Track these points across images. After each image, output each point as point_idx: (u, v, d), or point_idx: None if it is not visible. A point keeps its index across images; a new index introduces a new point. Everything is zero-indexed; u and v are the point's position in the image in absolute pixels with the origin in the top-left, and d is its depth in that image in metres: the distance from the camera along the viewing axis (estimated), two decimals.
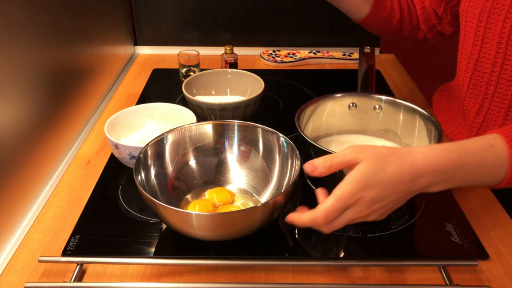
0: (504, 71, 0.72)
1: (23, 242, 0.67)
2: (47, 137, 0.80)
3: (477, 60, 0.75)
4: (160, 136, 0.71)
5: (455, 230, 0.68)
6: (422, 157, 0.53)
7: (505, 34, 0.70)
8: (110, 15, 1.15)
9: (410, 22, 0.93)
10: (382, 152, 0.54)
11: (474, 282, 0.61)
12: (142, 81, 1.17)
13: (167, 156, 0.72)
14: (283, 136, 0.71)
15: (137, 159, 0.66)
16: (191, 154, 0.75)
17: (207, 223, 0.58)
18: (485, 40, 0.73)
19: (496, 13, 0.70)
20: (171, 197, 0.71)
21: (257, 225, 0.61)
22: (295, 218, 0.55)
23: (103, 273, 0.62)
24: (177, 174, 0.73)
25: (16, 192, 0.69)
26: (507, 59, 0.71)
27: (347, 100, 0.80)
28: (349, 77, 1.21)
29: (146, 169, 0.69)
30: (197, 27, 1.33)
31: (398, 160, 0.53)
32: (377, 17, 0.90)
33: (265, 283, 0.61)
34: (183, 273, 0.62)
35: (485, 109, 0.77)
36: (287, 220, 0.57)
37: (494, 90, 0.75)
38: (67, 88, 0.89)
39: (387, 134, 0.81)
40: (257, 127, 0.74)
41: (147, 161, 0.69)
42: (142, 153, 0.67)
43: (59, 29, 0.85)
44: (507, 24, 0.69)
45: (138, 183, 0.62)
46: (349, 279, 0.61)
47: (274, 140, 0.72)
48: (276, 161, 0.73)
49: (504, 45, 0.71)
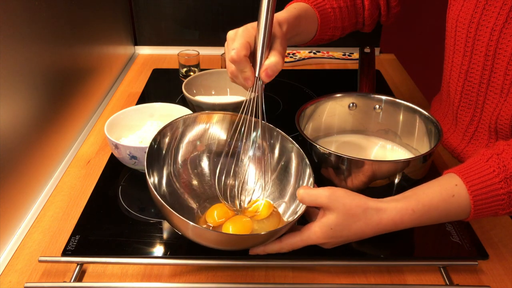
0: (492, 83, 0.73)
1: (23, 242, 0.67)
2: (47, 137, 0.80)
3: (467, 71, 0.75)
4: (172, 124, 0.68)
5: (455, 230, 0.68)
6: (388, 218, 0.57)
7: (492, 47, 0.70)
8: (110, 15, 1.15)
9: (355, 25, 0.90)
10: (352, 210, 0.57)
11: (474, 282, 0.61)
12: (142, 81, 1.17)
13: (180, 154, 0.69)
14: (297, 146, 0.68)
15: (149, 152, 0.62)
16: (205, 152, 0.71)
17: (228, 241, 0.58)
18: (474, 51, 0.73)
19: (484, 25, 0.70)
20: (182, 199, 0.68)
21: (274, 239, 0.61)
22: (259, 250, 0.61)
23: (103, 273, 0.62)
24: (190, 171, 0.70)
25: (16, 192, 0.69)
26: (494, 72, 0.71)
27: (347, 100, 0.80)
28: (349, 77, 1.21)
29: (158, 166, 0.66)
30: (197, 27, 1.33)
31: (365, 220, 0.57)
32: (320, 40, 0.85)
33: (265, 283, 0.61)
34: (183, 273, 0.62)
35: (477, 118, 0.77)
36: (251, 253, 0.61)
37: (483, 101, 0.75)
38: (67, 88, 0.89)
39: (387, 134, 0.81)
40: (278, 132, 0.70)
41: (160, 155, 0.66)
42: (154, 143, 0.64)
43: (59, 29, 0.85)
44: (493, 37, 0.69)
45: (150, 185, 0.57)
46: (349, 279, 0.61)
47: (289, 148, 0.70)
48: (291, 172, 0.70)
49: (491, 58, 0.71)
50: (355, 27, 0.89)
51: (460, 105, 0.80)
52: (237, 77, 0.63)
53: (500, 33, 0.68)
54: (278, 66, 0.61)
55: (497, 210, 0.57)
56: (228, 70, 0.64)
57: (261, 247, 0.60)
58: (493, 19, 0.69)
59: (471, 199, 0.56)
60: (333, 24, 0.82)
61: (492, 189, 0.56)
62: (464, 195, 0.57)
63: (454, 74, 0.79)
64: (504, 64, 0.69)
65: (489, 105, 0.74)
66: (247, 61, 0.60)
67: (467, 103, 0.78)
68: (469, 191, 0.56)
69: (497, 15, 0.68)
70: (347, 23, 0.85)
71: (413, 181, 0.67)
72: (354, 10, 0.85)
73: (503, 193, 0.56)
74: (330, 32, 0.83)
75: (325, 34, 0.82)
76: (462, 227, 0.69)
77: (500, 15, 0.68)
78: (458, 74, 0.78)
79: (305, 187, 0.62)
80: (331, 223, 0.58)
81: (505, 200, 0.56)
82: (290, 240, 0.60)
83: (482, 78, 0.73)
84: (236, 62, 0.60)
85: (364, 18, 0.87)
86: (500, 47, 0.69)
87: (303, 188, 0.61)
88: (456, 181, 0.58)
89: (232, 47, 0.60)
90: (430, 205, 0.57)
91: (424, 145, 0.75)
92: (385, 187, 0.66)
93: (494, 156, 0.57)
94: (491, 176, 0.56)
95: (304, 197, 0.60)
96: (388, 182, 0.66)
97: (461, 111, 0.80)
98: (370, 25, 0.89)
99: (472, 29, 0.72)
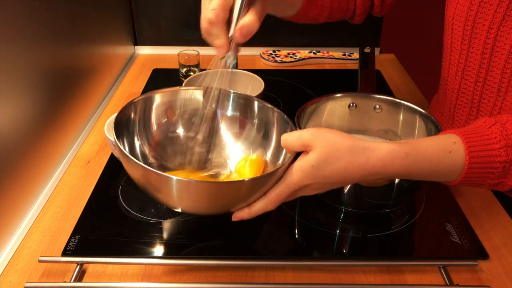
0: (488, 82, 0.72)
1: (23, 242, 0.67)
2: (47, 137, 0.80)
3: (463, 69, 0.75)
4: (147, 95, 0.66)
5: (455, 230, 0.68)
6: (376, 158, 0.53)
7: (489, 45, 0.70)
8: (110, 15, 1.15)
9: (345, 12, 0.86)
10: (336, 144, 0.53)
11: (474, 282, 0.61)
12: (142, 81, 1.17)
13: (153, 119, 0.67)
14: (278, 110, 0.66)
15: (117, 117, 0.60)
16: (179, 120, 0.69)
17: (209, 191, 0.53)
18: (470, 49, 0.73)
19: (480, 22, 0.70)
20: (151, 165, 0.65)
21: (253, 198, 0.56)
22: (243, 213, 0.56)
23: (103, 273, 0.62)
24: (162, 140, 0.67)
25: (16, 192, 0.69)
26: (490, 70, 0.71)
27: (347, 100, 0.80)
28: (349, 77, 1.21)
29: (128, 132, 0.64)
30: (197, 27, 1.31)
31: (350, 158, 0.52)
32: (305, 17, 0.82)
33: (265, 283, 0.61)
34: (183, 273, 0.62)
35: (473, 117, 0.77)
36: (234, 219, 0.57)
37: (479, 100, 0.75)
38: (67, 88, 0.89)
39: (387, 134, 0.81)
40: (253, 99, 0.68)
41: (130, 122, 0.64)
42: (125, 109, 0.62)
43: (59, 29, 0.85)
44: (490, 35, 0.69)
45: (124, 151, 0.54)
46: (349, 279, 0.61)
47: (270, 114, 0.67)
48: (273, 135, 0.67)
49: (488, 56, 0.70)
50: (345, 14, 0.86)
51: (457, 104, 0.79)
52: (211, 36, 0.60)
53: (497, 30, 0.68)
54: (254, 26, 0.57)
55: (486, 178, 0.55)
56: (202, 27, 0.60)
57: (246, 209, 0.56)
58: (490, 16, 0.68)
59: (467, 160, 0.54)
60: (321, 1, 0.79)
61: (490, 155, 0.54)
62: (461, 154, 0.54)
63: (451, 73, 0.79)
64: (502, 62, 0.69)
65: (486, 104, 0.74)
66: (224, 26, 0.58)
67: (463, 101, 0.78)
68: (467, 151, 0.54)
69: (494, 12, 0.68)
70: (337, 5, 0.81)
71: (413, 181, 0.67)
72: None
73: (499, 161, 0.54)
74: (316, 10, 0.79)
75: (311, 10, 0.78)
76: (462, 227, 0.69)
77: (497, 13, 0.67)
78: (455, 72, 0.77)
79: (288, 132, 0.58)
80: (312, 160, 0.53)
81: (499, 169, 0.54)
82: (274, 192, 0.55)
83: (478, 76, 0.73)
84: (213, 24, 0.58)
85: (355, 5, 0.85)
86: (497, 45, 0.69)
87: (286, 133, 0.57)
88: (455, 139, 0.55)
89: (211, 6, 0.57)
90: (425, 154, 0.54)
91: None
92: (385, 187, 0.66)
93: (498, 123, 0.55)
94: (492, 141, 0.54)
95: (287, 139, 0.56)
96: (388, 182, 0.66)
97: (458, 109, 0.80)
98: (361, 15, 0.86)
99: (468, 27, 0.72)
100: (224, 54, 0.59)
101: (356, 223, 0.71)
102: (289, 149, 0.56)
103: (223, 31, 0.58)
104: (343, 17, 0.87)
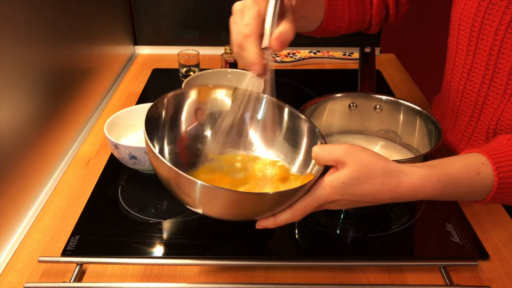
0: (494, 83, 0.72)
1: (23, 242, 0.67)
2: (47, 137, 0.80)
3: (469, 71, 0.75)
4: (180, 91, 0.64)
5: (455, 230, 0.68)
6: (408, 182, 0.53)
7: (496, 47, 0.69)
8: (110, 15, 1.15)
9: (362, 22, 0.88)
10: (371, 164, 0.52)
11: (474, 282, 0.61)
12: (142, 81, 1.17)
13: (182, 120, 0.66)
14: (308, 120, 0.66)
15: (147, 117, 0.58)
16: (208, 119, 0.68)
17: (236, 200, 0.52)
18: (477, 50, 0.73)
19: (488, 24, 0.70)
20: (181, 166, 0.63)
21: None
22: (268, 223, 0.55)
23: (103, 273, 0.62)
24: (191, 141, 0.66)
25: (16, 192, 0.69)
26: (496, 72, 0.71)
27: (347, 100, 0.80)
28: (349, 77, 1.21)
29: (157, 129, 0.63)
30: (197, 27, 1.33)
31: (383, 179, 0.52)
32: (325, 31, 0.83)
33: (265, 283, 0.61)
34: (183, 273, 0.62)
35: (475, 119, 0.77)
36: (258, 227, 0.56)
37: (483, 102, 0.75)
38: (67, 88, 0.89)
39: (387, 134, 0.81)
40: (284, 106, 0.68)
41: (160, 118, 0.63)
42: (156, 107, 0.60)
43: (59, 29, 0.85)
44: (498, 36, 0.69)
45: (152, 148, 0.52)
46: (349, 279, 0.61)
47: (299, 123, 0.67)
48: (302, 144, 0.67)
49: (495, 57, 0.70)
50: (362, 25, 0.87)
51: (461, 105, 0.79)
52: (244, 51, 0.58)
53: (505, 32, 0.68)
54: (290, 33, 0.56)
55: None
56: (235, 42, 0.59)
57: (271, 219, 0.55)
58: (498, 18, 0.68)
59: (496, 180, 0.55)
60: (340, 14, 0.80)
61: None
62: (490, 175, 0.55)
63: (456, 74, 0.79)
64: (509, 64, 0.69)
65: (490, 105, 0.74)
66: (259, 40, 0.56)
67: (467, 103, 0.78)
68: (495, 172, 0.55)
69: (502, 14, 0.67)
70: (355, 17, 0.83)
71: None
72: (362, 6, 0.84)
73: None
74: (337, 23, 0.80)
75: (331, 24, 0.80)
76: (463, 227, 0.69)
77: (505, 14, 0.67)
78: (460, 73, 0.77)
79: (319, 145, 0.58)
80: (343, 177, 0.52)
81: None
82: (301, 203, 0.54)
83: (484, 78, 0.73)
84: (249, 39, 0.56)
85: (371, 16, 0.86)
86: (504, 46, 0.69)
87: (318, 145, 0.57)
88: (483, 160, 0.56)
89: (245, 21, 0.56)
90: (455, 178, 0.54)
91: (424, 145, 0.75)
92: None
93: None
94: None
95: (318, 152, 0.55)
96: None
97: (461, 111, 0.80)
98: (377, 25, 0.87)
99: (476, 28, 0.72)
100: (258, 72, 0.58)
101: (357, 223, 0.70)
102: (319, 162, 0.56)
103: (257, 45, 0.57)
104: (359, 28, 0.88)
